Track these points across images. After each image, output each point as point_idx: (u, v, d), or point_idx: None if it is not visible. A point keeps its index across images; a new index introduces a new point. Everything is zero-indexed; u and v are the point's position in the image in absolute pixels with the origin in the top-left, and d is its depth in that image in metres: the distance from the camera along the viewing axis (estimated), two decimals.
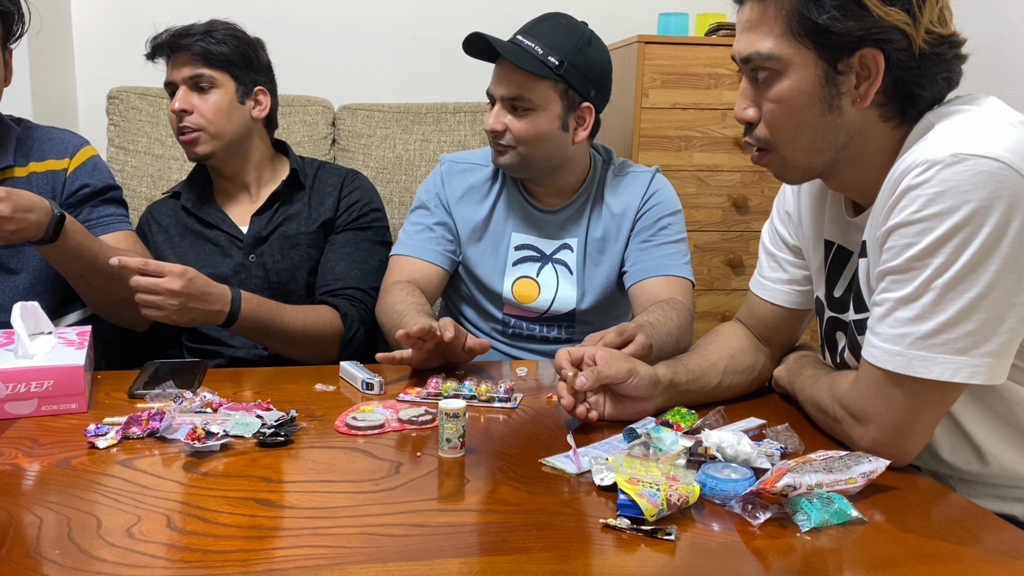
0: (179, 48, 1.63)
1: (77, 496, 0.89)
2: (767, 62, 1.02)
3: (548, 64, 1.51)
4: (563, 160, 1.61)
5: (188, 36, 1.63)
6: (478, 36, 1.52)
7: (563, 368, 1.13)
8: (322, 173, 1.79)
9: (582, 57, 1.54)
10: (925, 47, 0.97)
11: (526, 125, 1.54)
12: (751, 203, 2.49)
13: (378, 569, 0.76)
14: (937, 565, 0.80)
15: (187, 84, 1.63)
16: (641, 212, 1.65)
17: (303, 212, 1.72)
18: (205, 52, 1.63)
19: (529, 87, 1.53)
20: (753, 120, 1.07)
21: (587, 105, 1.58)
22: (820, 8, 0.97)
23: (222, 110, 1.64)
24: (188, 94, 1.63)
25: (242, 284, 1.64)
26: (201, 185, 1.75)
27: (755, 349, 1.29)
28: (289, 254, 1.68)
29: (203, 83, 1.63)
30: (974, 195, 0.89)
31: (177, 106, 1.61)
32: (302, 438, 1.07)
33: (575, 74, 1.54)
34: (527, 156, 1.57)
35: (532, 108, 1.54)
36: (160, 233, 1.71)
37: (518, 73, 1.52)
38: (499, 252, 1.67)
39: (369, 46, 2.68)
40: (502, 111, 1.56)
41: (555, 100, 1.55)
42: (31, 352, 1.15)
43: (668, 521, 0.85)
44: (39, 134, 1.57)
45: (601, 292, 1.66)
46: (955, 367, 0.92)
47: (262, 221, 1.69)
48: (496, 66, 1.57)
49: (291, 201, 1.73)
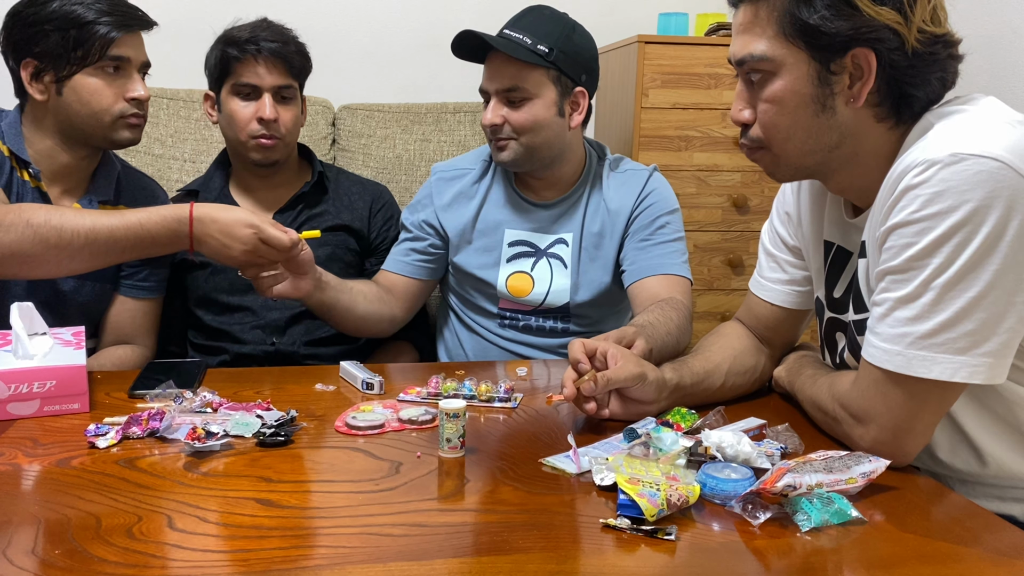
0: (279, 56, 1.68)
1: (77, 496, 0.89)
2: (760, 63, 1.02)
3: (538, 52, 1.54)
4: (562, 148, 1.64)
5: (287, 43, 1.69)
6: (467, 33, 1.55)
7: (580, 362, 1.12)
8: (343, 179, 1.86)
9: (569, 43, 1.57)
10: (918, 46, 0.97)
11: (524, 114, 1.57)
12: (751, 203, 2.49)
13: (378, 569, 0.76)
14: (937, 565, 0.80)
15: (273, 93, 1.68)
16: (637, 210, 1.65)
17: (327, 213, 1.78)
18: (290, 62, 1.70)
19: (522, 76, 1.55)
20: (748, 121, 1.07)
21: (580, 89, 1.62)
22: (811, 9, 0.97)
23: (299, 121, 1.76)
24: (273, 103, 1.68)
25: None
26: (219, 184, 1.78)
27: (756, 350, 1.29)
28: (314, 252, 1.71)
29: (288, 94, 1.70)
30: (973, 195, 0.89)
31: (268, 114, 1.66)
32: (302, 438, 1.07)
33: (565, 60, 1.56)
34: (529, 145, 1.59)
35: (528, 97, 1.56)
36: None
37: (510, 65, 1.55)
38: (493, 249, 1.68)
39: (369, 46, 2.68)
40: (498, 104, 1.58)
41: (549, 87, 1.57)
42: (31, 352, 1.15)
43: (668, 521, 0.85)
44: (134, 178, 1.64)
45: (596, 287, 1.67)
46: (955, 367, 0.92)
47: (285, 219, 1.74)
48: (487, 62, 1.60)
49: (314, 203, 1.78)
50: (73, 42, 1.42)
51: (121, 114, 1.48)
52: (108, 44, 1.44)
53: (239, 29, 1.69)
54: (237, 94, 1.68)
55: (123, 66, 1.47)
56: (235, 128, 1.68)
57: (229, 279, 1.68)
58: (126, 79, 1.48)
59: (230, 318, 1.69)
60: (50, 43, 1.42)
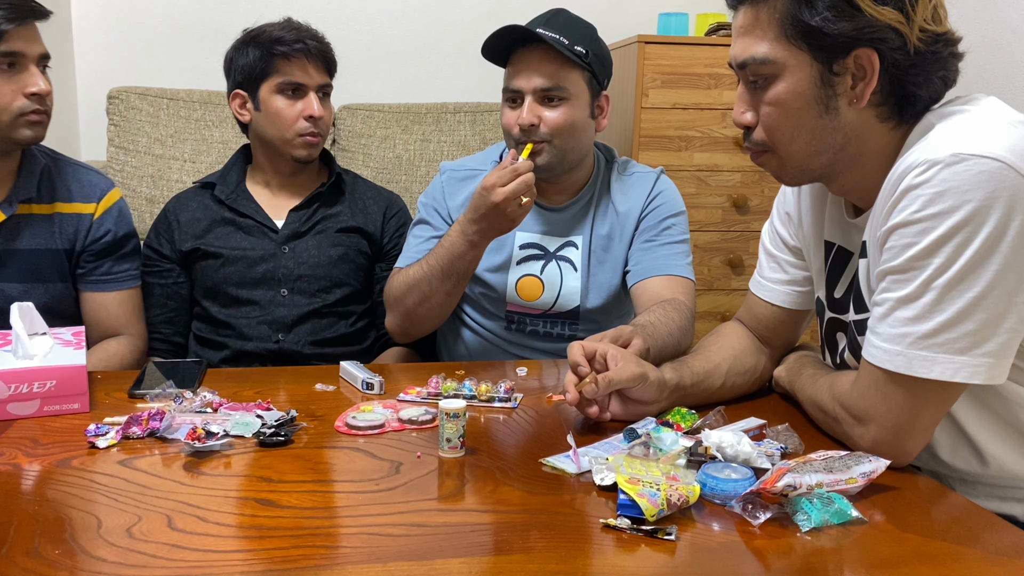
0: (323, 55, 1.72)
1: (77, 496, 0.89)
2: (762, 66, 1.02)
3: (576, 53, 1.53)
4: (588, 151, 1.65)
5: (325, 44, 1.74)
6: (509, 28, 1.52)
7: (580, 365, 1.13)
8: (359, 184, 1.89)
9: (599, 47, 1.58)
10: (920, 45, 0.97)
11: (562, 115, 1.54)
12: (751, 203, 2.49)
13: (378, 569, 0.76)
14: (937, 565, 0.80)
15: (316, 92, 1.71)
16: (645, 212, 1.65)
17: (342, 214, 1.79)
18: (330, 62, 1.75)
19: (563, 75, 1.54)
20: (751, 124, 1.07)
21: (605, 94, 1.63)
22: (813, 10, 0.97)
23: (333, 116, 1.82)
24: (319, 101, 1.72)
25: (271, 271, 1.70)
26: (236, 178, 1.79)
27: (756, 350, 1.29)
28: (327, 251, 1.75)
29: (327, 92, 1.75)
30: (974, 195, 0.89)
31: (318, 111, 1.69)
32: (302, 438, 1.07)
33: (597, 63, 1.57)
34: (562, 148, 1.57)
35: (567, 97, 1.54)
36: (186, 226, 1.74)
37: (550, 62, 1.53)
38: (503, 252, 1.67)
39: (369, 46, 2.68)
40: (535, 104, 1.54)
41: (584, 88, 1.57)
42: (31, 352, 1.15)
43: (668, 521, 0.85)
44: (67, 172, 1.58)
45: (606, 291, 1.66)
46: (955, 367, 0.92)
47: (301, 217, 1.75)
48: (520, 60, 1.56)
49: (330, 203, 1.79)
50: None
51: (20, 112, 1.40)
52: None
53: (277, 28, 1.71)
54: (281, 92, 1.69)
55: (17, 61, 1.39)
56: (280, 126, 1.69)
57: (239, 271, 1.69)
58: (22, 73, 1.40)
59: (237, 311, 1.69)
60: None
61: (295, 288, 1.70)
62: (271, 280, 1.69)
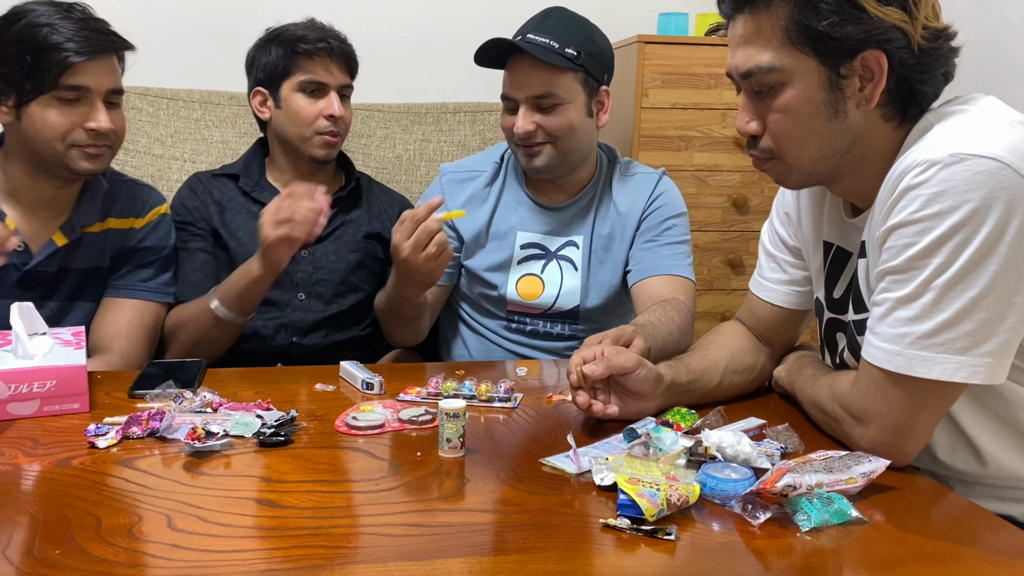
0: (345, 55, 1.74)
1: (77, 496, 0.89)
2: (769, 75, 1.01)
3: (567, 56, 1.52)
4: (591, 149, 1.65)
5: (347, 44, 1.75)
6: (494, 41, 1.52)
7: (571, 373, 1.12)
8: (375, 188, 1.90)
9: (594, 45, 1.57)
10: (923, 43, 0.97)
11: (557, 120, 1.55)
12: (751, 203, 2.49)
13: (378, 569, 0.76)
14: (937, 565, 0.80)
15: (337, 92, 1.72)
16: (647, 212, 1.65)
17: (360, 219, 1.80)
18: (351, 63, 1.77)
19: (554, 82, 1.53)
20: (757, 133, 1.06)
21: (605, 89, 1.62)
22: (818, 15, 0.96)
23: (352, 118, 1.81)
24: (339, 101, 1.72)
25: (290, 273, 1.68)
26: (257, 172, 1.79)
27: (755, 349, 1.29)
28: (346, 257, 1.75)
29: (347, 93, 1.76)
30: (973, 195, 0.89)
31: (338, 111, 1.70)
32: (302, 438, 1.07)
33: (591, 62, 1.56)
34: (563, 149, 1.58)
35: (560, 102, 1.55)
36: (214, 205, 1.73)
37: (540, 70, 1.53)
38: (504, 252, 1.68)
39: (369, 46, 2.67)
40: (529, 111, 1.55)
41: (579, 91, 1.57)
42: (31, 352, 1.15)
43: (668, 521, 0.85)
44: (123, 189, 1.58)
45: (606, 290, 1.66)
46: (955, 367, 0.92)
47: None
48: (512, 68, 1.57)
49: (348, 208, 1.80)
50: (28, 68, 1.34)
51: (74, 143, 1.38)
52: (63, 72, 1.35)
53: (301, 28, 1.71)
54: (302, 90, 1.69)
55: (83, 96, 1.38)
56: (300, 124, 1.70)
57: None
58: (87, 108, 1.39)
59: None
60: (10, 67, 1.35)
61: (312, 292, 1.71)
62: (288, 283, 1.69)
